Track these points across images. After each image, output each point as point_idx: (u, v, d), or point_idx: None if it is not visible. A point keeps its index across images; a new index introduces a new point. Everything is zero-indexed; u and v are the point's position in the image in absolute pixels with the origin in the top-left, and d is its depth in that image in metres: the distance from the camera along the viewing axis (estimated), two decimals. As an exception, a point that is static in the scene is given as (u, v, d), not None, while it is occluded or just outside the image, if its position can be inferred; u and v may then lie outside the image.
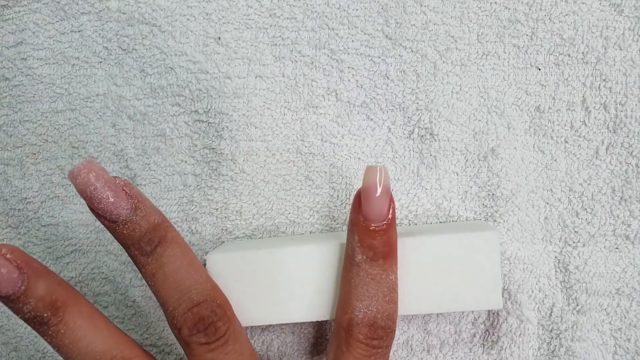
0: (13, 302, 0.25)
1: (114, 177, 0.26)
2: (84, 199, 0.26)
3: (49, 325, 0.26)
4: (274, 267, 0.30)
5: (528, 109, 0.33)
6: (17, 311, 0.25)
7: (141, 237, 0.27)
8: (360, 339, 0.28)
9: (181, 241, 0.28)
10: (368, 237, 0.28)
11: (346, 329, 0.28)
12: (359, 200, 0.28)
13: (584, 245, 0.33)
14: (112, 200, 0.26)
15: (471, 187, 0.34)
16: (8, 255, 0.25)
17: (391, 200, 0.28)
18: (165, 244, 0.27)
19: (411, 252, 0.29)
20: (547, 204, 0.33)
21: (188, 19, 0.35)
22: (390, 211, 0.27)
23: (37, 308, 0.25)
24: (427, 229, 0.32)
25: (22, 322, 0.37)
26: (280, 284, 0.31)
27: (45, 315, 0.25)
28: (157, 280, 0.27)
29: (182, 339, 0.28)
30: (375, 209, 0.27)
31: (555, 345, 0.33)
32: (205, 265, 0.31)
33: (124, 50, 0.35)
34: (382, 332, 0.28)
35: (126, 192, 0.26)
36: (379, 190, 0.27)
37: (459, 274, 0.29)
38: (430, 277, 0.29)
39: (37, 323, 0.26)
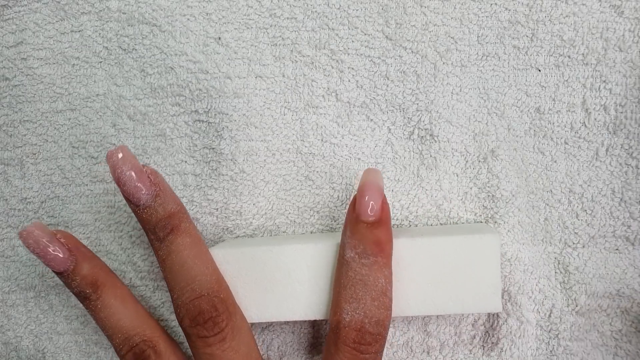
0: (65, 278, 0.30)
1: (143, 165, 0.29)
2: (114, 179, 0.28)
3: (90, 300, 0.30)
4: (274, 264, 0.30)
5: (528, 110, 0.33)
6: (68, 286, 0.31)
7: (157, 222, 0.29)
8: (347, 342, 0.28)
9: (194, 232, 0.30)
10: (357, 230, 0.28)
11: (334, 330, 0.28)
12: (354, 200, 0.29)
13: (583, 247, 0.33)
14: (135, 184, 0.28)
15: (471, 188, 0.34)
16: (62, 240, 0.30)
17: (384, 200, 0.28)
18: (177, 233, 0.29)
19: (411, 254, 0.29)
20: (547, 205, 0.33)
21: (188, 19, 0.35)
22: (383, 209, 0.28)
23: (81, 285, 0.30)
24: (427, 230, 0.32)
25: (22, 322, 0.37)
26: (280, 281, 0.31)
27: (87, 291, 0.30)
28: (166, 267, 0.30)
29: (183, 329, 0.29)
30: (367, 204, 0.28)
31: (554, 346, 0.33)
32: None
33: (124, 50, 0.35)
34: (370, 337, 0.28)
35: (150, 180, 0.29)
36: (373, 187, 0.28)
37: (459, 276, 0.29)
38: (430, 279, 0.29)
39: (82, 298, 0.31)
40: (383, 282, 0.28)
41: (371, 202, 0.28)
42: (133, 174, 0.28)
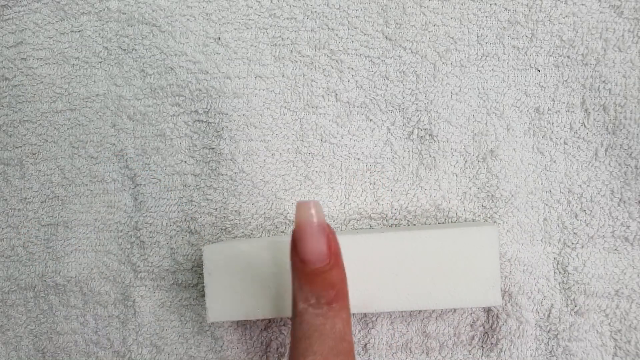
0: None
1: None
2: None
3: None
4: (271, 259, 0.30)
5: (527, 111, 0.33)
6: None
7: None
8: None
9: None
10: (307, 282, 0.25)
11: None
12: (295, 245, 0.25)
13: (582, 247, 0.33)
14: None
15: (470, 188, 0.34)
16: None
17: (329, 237, 0.25)
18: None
19: (409, 247, 0.29)
20: (546, 205, 0.33)
21: (188, 19, 0.35)
22: (330, 248, 0.25)
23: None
24: (426, 225, 0.32)
25: (22, 322, 0.37)
26: (276, 276, 0.30)
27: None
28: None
29: None
30: (310, 249, 0.25)
31: (553, 346, 0.33)
32: (202, 257, 0.31)
33: (124, 50, 0.35)
34: None
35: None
36: (313, 228, 0.25)
37: (458, 269, 0.29)
38: (429, 273, 0.29)
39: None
40: (341, 327, 0.25)
41: (316, 247, 0.25)
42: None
